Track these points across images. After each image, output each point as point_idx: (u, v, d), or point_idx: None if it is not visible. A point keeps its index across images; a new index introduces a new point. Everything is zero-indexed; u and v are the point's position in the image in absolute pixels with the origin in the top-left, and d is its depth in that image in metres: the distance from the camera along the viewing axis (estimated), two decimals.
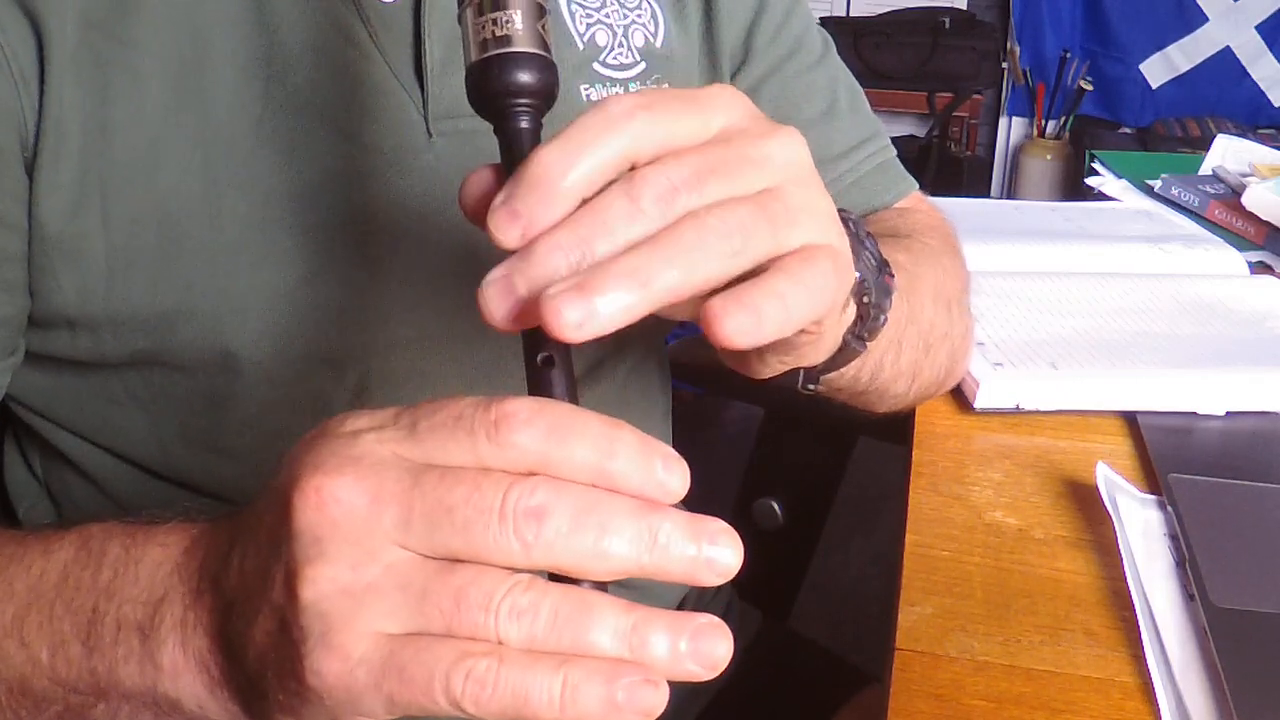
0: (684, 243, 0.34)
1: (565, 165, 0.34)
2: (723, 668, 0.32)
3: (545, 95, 0.39)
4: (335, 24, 0.56)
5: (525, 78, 0.38)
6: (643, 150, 0.36)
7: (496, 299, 0.34)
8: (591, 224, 0.34)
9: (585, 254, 0.34)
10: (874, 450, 0.97)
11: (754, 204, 0.36)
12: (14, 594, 0.43)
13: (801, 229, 0.37)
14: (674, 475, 0.33)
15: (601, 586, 0.33)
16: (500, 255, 0.36)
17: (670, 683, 0.32)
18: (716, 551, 0.33)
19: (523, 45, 0.38)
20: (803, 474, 1.07)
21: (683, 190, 0.35)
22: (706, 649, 0.32)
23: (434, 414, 0.34)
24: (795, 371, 0.53)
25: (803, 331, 0.42)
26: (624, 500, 0.32)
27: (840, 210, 0.53)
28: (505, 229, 0.35)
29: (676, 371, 0.83)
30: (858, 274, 0.51)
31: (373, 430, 0.34)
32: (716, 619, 0.33)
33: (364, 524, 0.32)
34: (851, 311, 0.51)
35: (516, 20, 0.38)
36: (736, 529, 0.34)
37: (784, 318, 0.35)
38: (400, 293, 0.59)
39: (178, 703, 0.40)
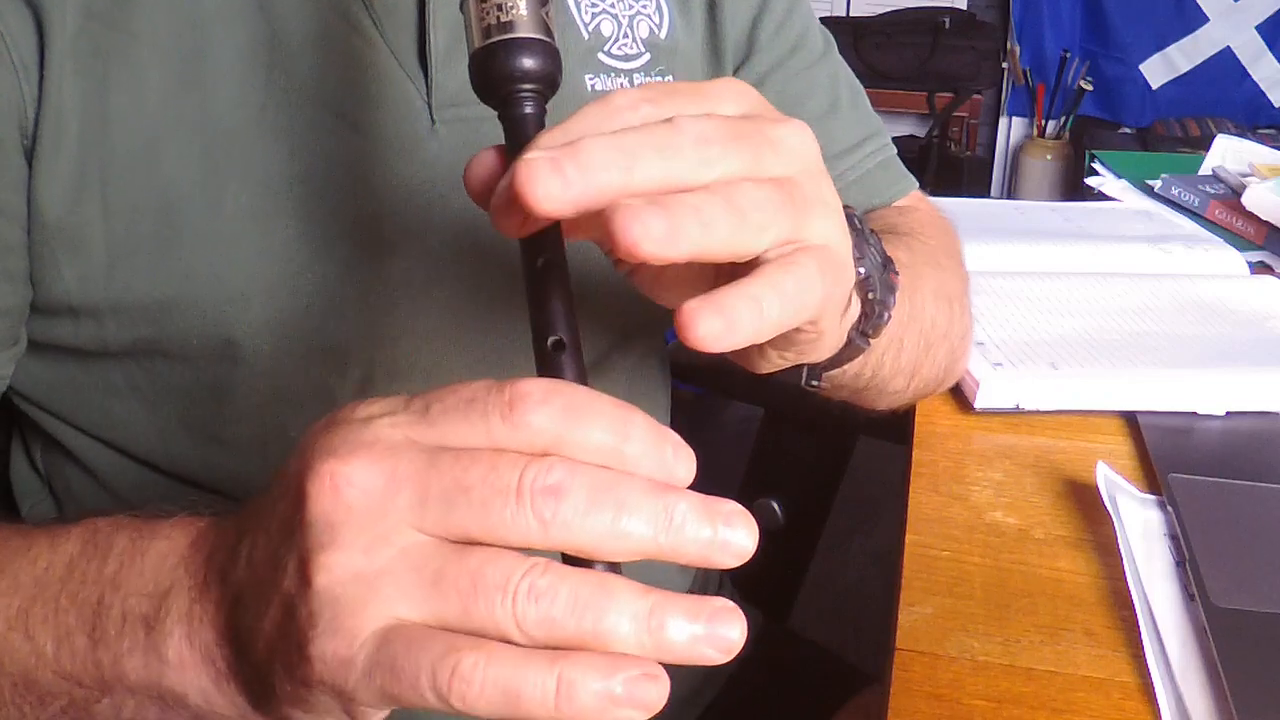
0: (716, 207, 0.34)
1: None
2: (737, 651, 0.32)
3: (549, 80, 0.39)
4: (338, 11, 0.56)
5: (529, 63, 0.38)
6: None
7: (543, 174, 0.33)
8: (639, 138, 0.34)
9: (630, 164, 0.34)
10: (874, 450, 0.97)
11: (777, 186, 0.36)
12: (19, 586, 0.43)
13: (815, 223, 0.38)
14: (682, 463, 0.33)
15: (615, 568, 0.33)
16: (502, 243, 0.36)
17: (673, 677, 0.32)
18: (731, 534, 0.33)
19: (527, 31, 0.38)
20: (803, 474, 1.07)
21: (715, 142, 0.35)
22: (722, 632, 0.32)
23: (446, 397, 0.34)
24: (797, 369, 0.53)
25: (800, 330, 0.42)
26: (639, 480, 0.32)
27: (844, 207, 0.53)
28: (504, 218, 0.35)
29: (676, 371, 0.82)
30: (862, 270, 0.51)
31: (385, 416, 0.34)
32: (730, 603, 0.32)
33: (379, 507, 0.32)
34: (856, 308, 0.51)
35: (521, 6, 0.38)
36: None
37: (758, 324, 0.35)
38: (403, 282, 0.59)
39: (184, 696, 0.40)
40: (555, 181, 0.33)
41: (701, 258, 0.35)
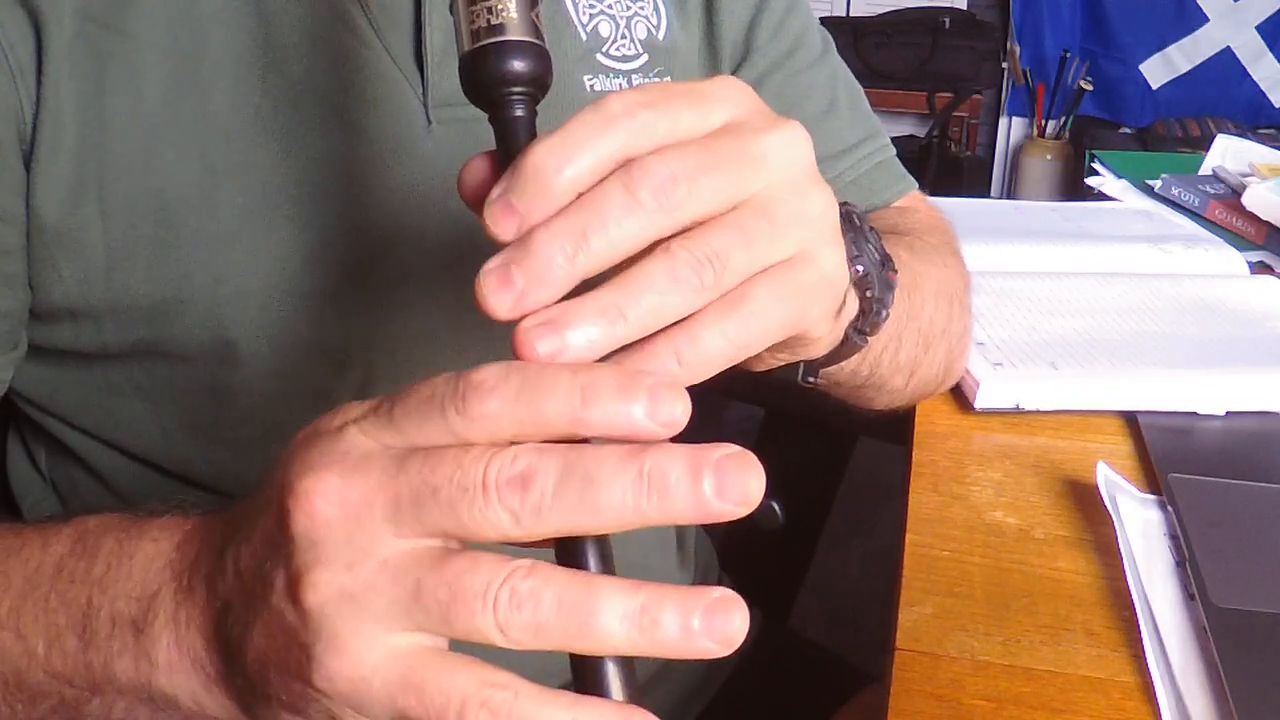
0: (655, 279, 0.34)
1: (562, 160, 0.34)
2: (739, 642, 0.31)
3: (540, 83, 0.39)
4: (334, 12, 0.56)
5: (520, 66, 0.38)
6: (640, 147, 0.35)
7: (494, 289, 0.33)
8: (588, 215, 0.34)
9: (580, 245, 0.33)
10: (874, 450, 0.96)
11: (733, 226, 0.35)
12: (11, 585, 0.43)
13: (786, 241, 0.37)
14: (663, 404, 0.31)
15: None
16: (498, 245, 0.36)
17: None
18: (729, 478, 0.31)
19: (517, 34, 0.38)
20: (803, 474, 1.07)
21: (682, 181, 0.34)
22: (721, 624, 0.31)
23: (408, 398, 0.33)
24: (793, 366, 0.54)
25: (793, 336, 0.42)
26: (609, 450, 0.31)
27: (844, 204, 0.53)
28: (501, 222, 0.34)
29: None
30: (860, 268, 0.51)
31: (356, 423, 0.34)
32: (729, 591, 0.31)
33: (355, 520, 0.32)
34: (853, 306, 0.51)
35: (511, 8, 0.38)
36: (736, 529, 0.33)
37: (730, 354, 0.35)
38: (401, 283, 0.59)
39: (174, 699, 0.40)
40: (507, 295, 0.33)
41: (654, 330, 0.35)
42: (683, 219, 0.35)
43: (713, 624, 0.31)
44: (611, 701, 0.32)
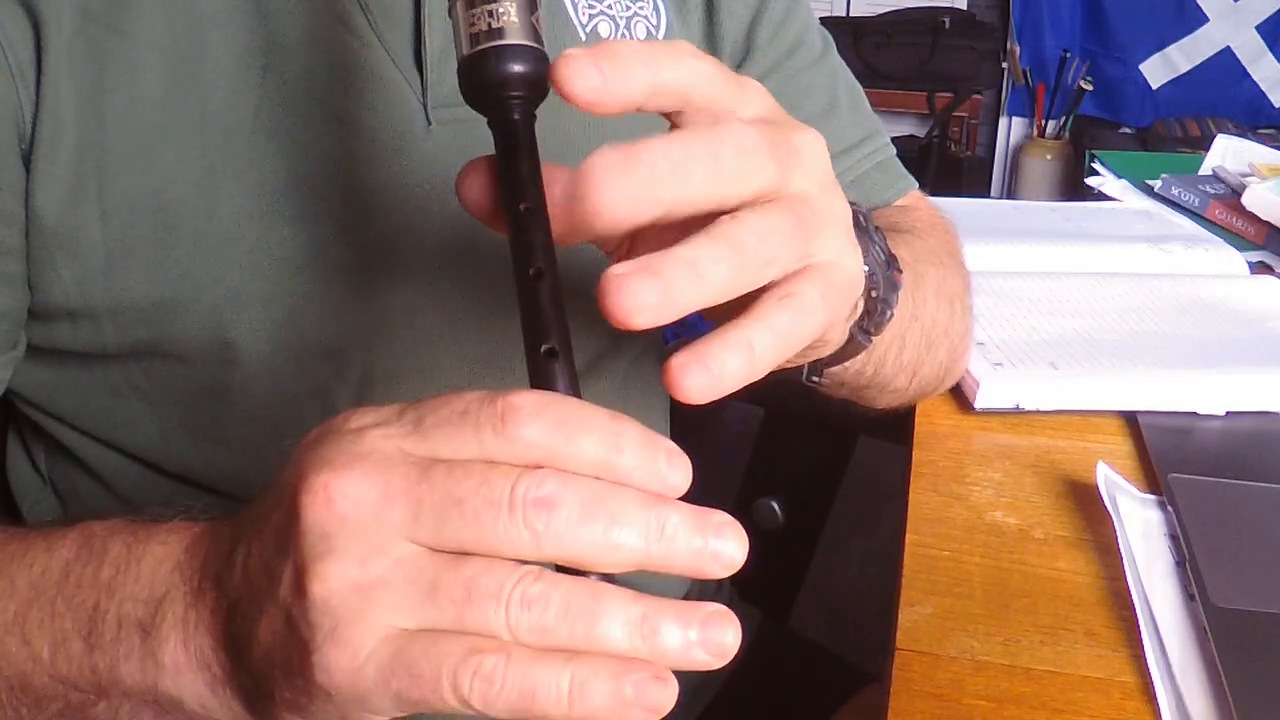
0: (738, 241, 0.35)
1: (644, 58, 0.35)
2: (732, 655, 0.33)
3: (539, 87, 0.39)
4: (333, 11, 0.56)
5: (520, 69, 0.38)
6: (701, 90, 0.36)
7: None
8: (690, 149, 0.34)
9: (686, 177, 0.34)
10: (874, 450, 0.96)
11: (789, 209, 0.36)
12: (16, 591, 0.43)
13: (825, 241, 0.38)
14: (676, 470, 0.33)
15: (609, 579, 0.33)
16: (498, 244, 0.36)
17: (676, 676, 0.32)
18: (722, 544, 0.33)
19: (516, 37, 0.38)
20: (803, 474, 1.07)
21: (754, 155, 0.35)
22: (716, 637, 0.32)
23: (439, 409, 0.34)
24: (798, 365, 0.54)
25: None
26: (632, 492, 0.33)
27: (850, 204, 0.54)
28: (582, 73, 0.34)
29: None
30: (866, 268, 0.51)
31: (377, 427, 0.34)
32: (724, 607, 0.33)
33: (373, 519, 0.33)
34: (859, 306, 0.51)
35: (511, 13, 0.38)
36: None
37: (750, 369, 0.36)
38: (400, 283, 0.59)
39: (179, 701, 0.40)
40: (623, 190, 0.33)
41: (707, 304, 0.35)
42: (748, 191, 0.36)
43: (708, 636, 0.32)
44: (611, 652, 0.32)
